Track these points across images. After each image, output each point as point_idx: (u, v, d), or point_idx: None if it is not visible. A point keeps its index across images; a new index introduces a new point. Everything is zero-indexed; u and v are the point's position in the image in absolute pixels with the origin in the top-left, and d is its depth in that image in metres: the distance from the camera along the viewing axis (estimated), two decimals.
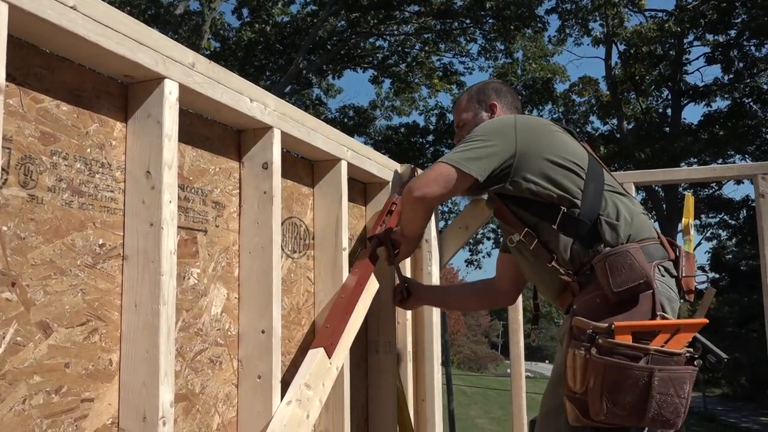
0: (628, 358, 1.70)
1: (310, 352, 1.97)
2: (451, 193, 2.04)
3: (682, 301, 1.95)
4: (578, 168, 1.98)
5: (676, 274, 1.95)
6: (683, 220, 2.50)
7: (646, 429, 1.85)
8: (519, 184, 2.00)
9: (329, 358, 1.98)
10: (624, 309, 1.80)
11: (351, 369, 2.22)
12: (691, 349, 1.75)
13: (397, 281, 2.57)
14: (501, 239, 2.49)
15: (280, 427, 1.74)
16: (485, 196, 2.13)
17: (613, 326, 1.71)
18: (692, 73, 38.76)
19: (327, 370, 1.97)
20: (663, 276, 1.91)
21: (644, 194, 18.62)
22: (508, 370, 3.46)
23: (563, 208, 1.95)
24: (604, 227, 1.91)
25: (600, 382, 1.71)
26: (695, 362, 1.76)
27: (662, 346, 1.72)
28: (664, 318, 1.79)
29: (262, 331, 1.83)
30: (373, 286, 2.32)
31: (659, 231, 2.02)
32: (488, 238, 19.88)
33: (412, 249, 2.35)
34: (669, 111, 19.67)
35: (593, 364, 1.72)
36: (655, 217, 18.03)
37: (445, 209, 18.44)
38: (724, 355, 1.77)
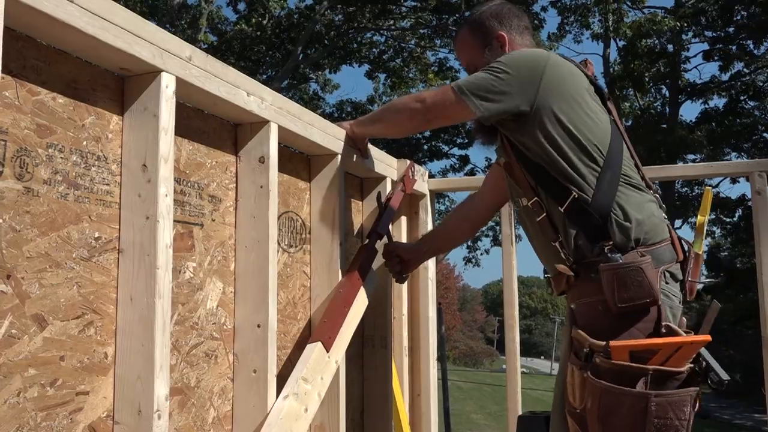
0: (627, 378, 1.63)
1: (308, 346, 1.97)
2: (444, 120, 2.02)
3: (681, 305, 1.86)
4: (597, 153, 1.83)
5: (681, 277, 1.85)
6: (699, 217, 2.27)
7: None
8: (530, 132, 1.85)
9: (327, 351, 1.98)
10: (627, 320, 1.72)
11: (346, 363, 2.23)
12: (694, 365, 1.68)
13: (383, 258, 2.45)
14: (499, 233, 2.42)
15: (276, 420, 1.74)
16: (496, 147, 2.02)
17: (609, 347, 1.64)
18: (690, 70, 38.85)
19: (326, 364, 1.97)
20: (667, 283, 1.80)
21: None
22: (504, 366, 3.47)
23: (574, 193, 1.80)
24: (614, 227, 1.78)
25: (596, 404, 1.66)
26: (698, 379, 1.68)
27: (663, 364, 1.65)
28: (668, 328, 1.71)
29: (258, 326, 1.83)
30: (372, 281, 2.31)
31: (671, 228, 1.91)
32: (486, 236, 19.84)
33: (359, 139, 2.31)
34: (667, 108, 19.68)
35: (590, 386, 1.67)
36: None
37: (442, 208, 18.42)
38: (725, 376, 1.68)
